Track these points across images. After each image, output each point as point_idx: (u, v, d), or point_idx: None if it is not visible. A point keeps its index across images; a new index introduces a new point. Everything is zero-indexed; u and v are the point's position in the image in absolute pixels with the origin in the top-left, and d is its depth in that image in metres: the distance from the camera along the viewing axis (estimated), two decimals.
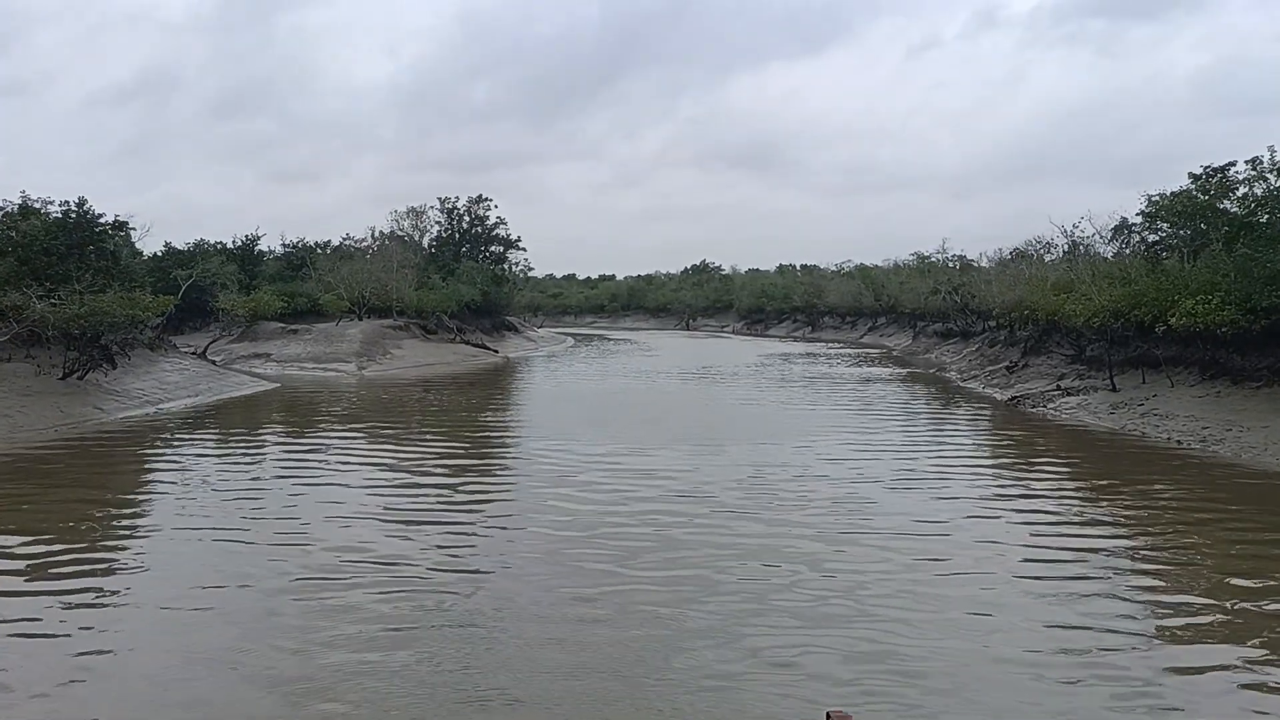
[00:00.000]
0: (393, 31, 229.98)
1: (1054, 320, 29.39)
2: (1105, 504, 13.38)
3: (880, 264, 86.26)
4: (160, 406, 24.91)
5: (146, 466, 16.62)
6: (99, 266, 26.85)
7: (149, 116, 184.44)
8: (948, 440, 19.97)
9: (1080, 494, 14.16)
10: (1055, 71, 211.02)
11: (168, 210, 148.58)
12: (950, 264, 61.61)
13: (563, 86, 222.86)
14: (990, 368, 33.47)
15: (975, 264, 59.83)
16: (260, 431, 21.00)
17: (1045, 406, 24.32)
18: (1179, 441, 18.68)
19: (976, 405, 26.63)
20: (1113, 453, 18.06)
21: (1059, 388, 25.62)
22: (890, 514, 12.64)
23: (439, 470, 16.05)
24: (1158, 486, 14.55)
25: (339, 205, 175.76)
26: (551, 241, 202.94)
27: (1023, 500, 13.72)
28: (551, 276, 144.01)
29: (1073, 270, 30.29)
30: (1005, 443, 19.71)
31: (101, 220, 28.47)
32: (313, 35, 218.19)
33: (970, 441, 19.94)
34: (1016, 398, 26.18)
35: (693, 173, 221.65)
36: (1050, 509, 13.11)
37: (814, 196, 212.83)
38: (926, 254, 70.20)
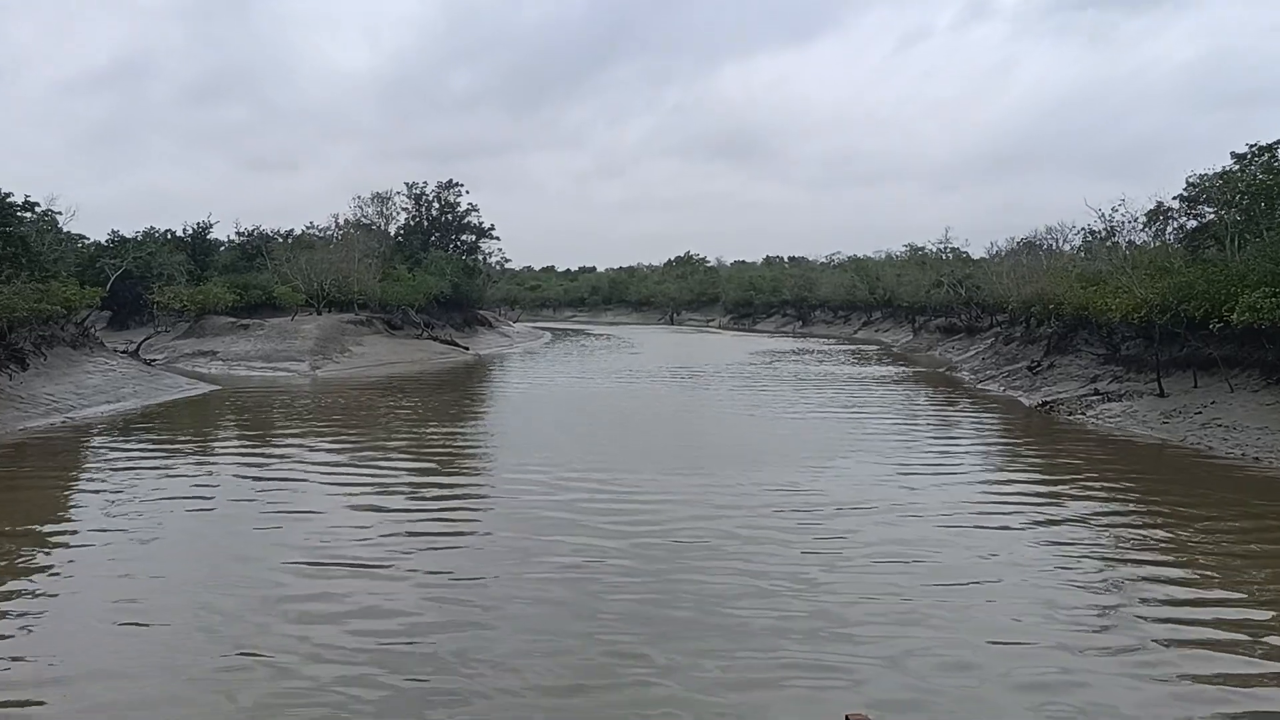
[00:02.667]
0: (374, 17, 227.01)
1: (1082, 315, 27.19)
2: (1213, 550, 10.91)
3: (872, 255, 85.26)
4: (71, 415, 22.12)
5: (20, 496, 13.83)
6: (3, 253, 23.87)
7: (123, 103, 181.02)
8: (986, 458, 17.79)
9: (1186, 539, 11.67)
10: (1045, 62, 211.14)
11: (137, 199, 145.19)
12: (945, 255, 59.89)
13: (546, 74, 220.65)
14: (1009, 367, 31.27)
15: (966, 254, 58.44)
16: (180, 446, 18.26)
17: (1083, 414, 21.93)
18: (1256, 458, 16.26)
19: (1004, 413, 24.51)
20: (1188, 475, 15.61)
21: (1096, 391, 23.27)
22: (963, 576, 10.19)
23: (389, 503, 13.51)
24: (1270, 522, 12.11)
25: (315, 195, 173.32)
26: (531, 232, 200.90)
27: (1116, 551, 11.30)
28: (529, 268, 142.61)
29: (1105, 259, 27.89)
30: (1049, 460, 17.24)
31: (9, 200, 25.45)
32: (292, 21, 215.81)
33: (1011, 460, 17.70)
34: (1048, 403, 23.84)
35: (676, 162, 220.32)
36: (1166, 569, 10.67)
37: (798, 187, 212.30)
38: (920, 245, 68.70)
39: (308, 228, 58.96)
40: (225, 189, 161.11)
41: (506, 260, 75.03)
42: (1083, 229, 39.61)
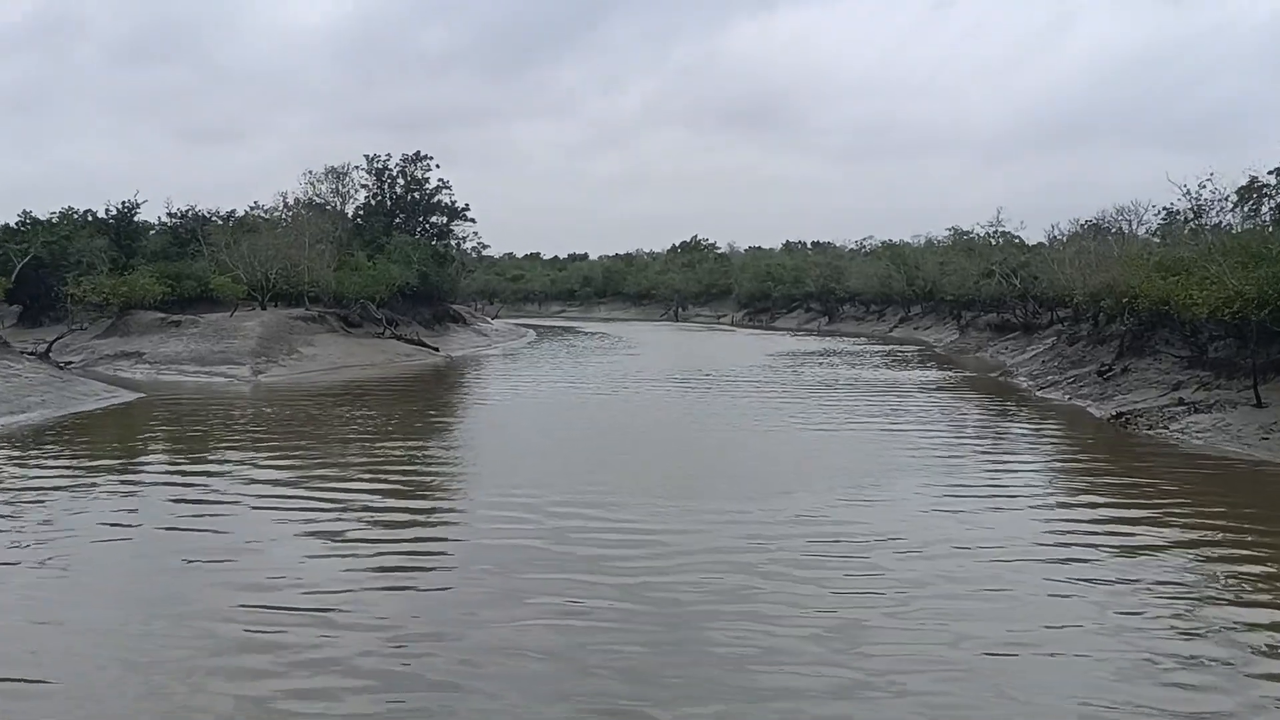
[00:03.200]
0: None
1: (1162, 311, 26.95)
2: None
3: (910, 241, 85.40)
4: None
5: None
6: None
7: (43, 66, 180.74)
8: (1051, 482, 17.53)
9: None
10: (1107, 19, 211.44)
11: (58, 176, 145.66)
12: (995, 240, 59.86)
13: (532, 30, 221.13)
14: (1074, 372, 31.06)
15: (1019, 239, 58.48)
16: (96, 465, 17.99)
17: (1165, 427, 21.64)
18: None
19: (1070, 426, 24.27)
20: None
21: (1180, 401, 22.99)
22: (1031, 623, 9.91)
23: (345, 534, 13.25)
24: None
25: (263, 170, 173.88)
26: (513, 213, 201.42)
27: (1215, 593, 11.06)
28: (511, 256, 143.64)
29: (1189, 244, 27.63)
30: (1127, 483, 16.96)
31: None
32: None
33: (1081, 483, 17.40)
34: (1123, 414, 23.57)
35: (682, 133, 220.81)
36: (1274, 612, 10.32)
37: (823, 161, 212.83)
38: (967, 229, 68.70)
39: (251, 208, 59.03)
40: (159, 163, 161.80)
41: (484, 246, 75.25)
42: (1163, 209, 39.51)
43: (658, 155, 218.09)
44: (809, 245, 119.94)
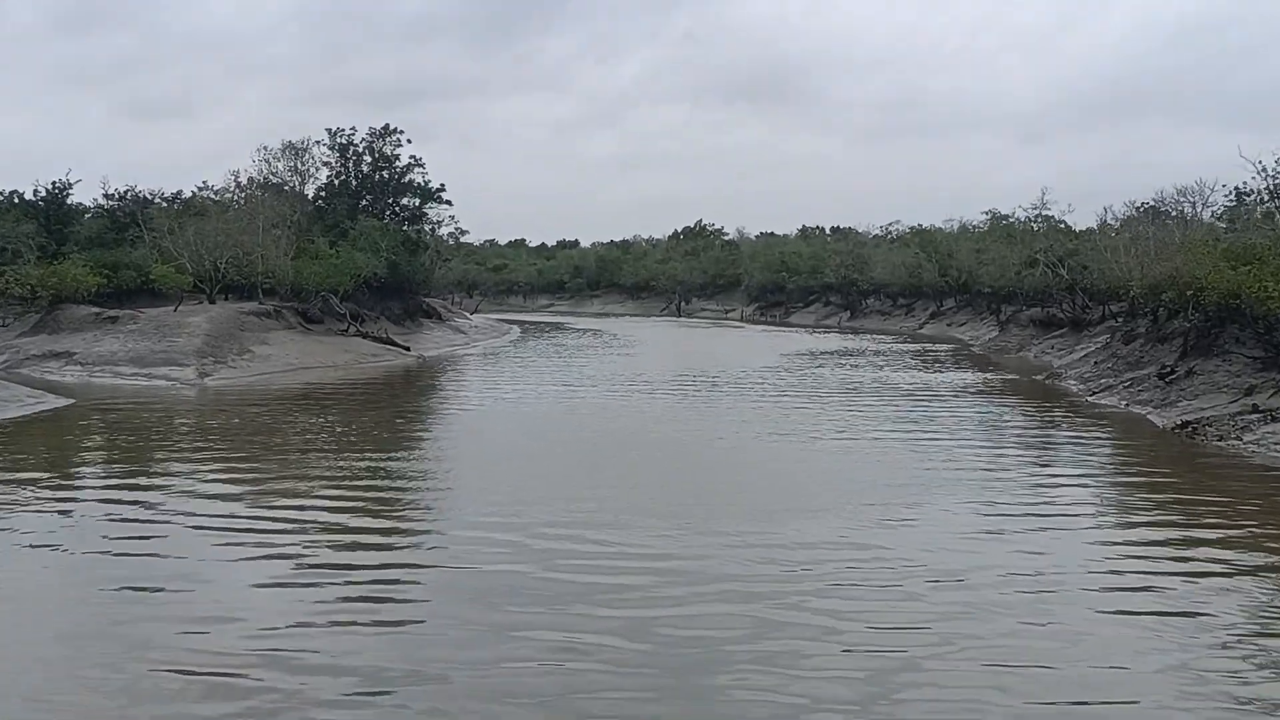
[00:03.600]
0: None
1: (1231, 305, 26.84)
2: None
3: (941, 226, 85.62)
4: None
5: None
6: None
7: None
8: (1110, 502, 17.40)
9: None
10: None
11: None
12: (1035, 226, 60.14)
13: None
14: (1131, 375, 30.94)
15: (1064, 224, 58.57)
16: (15, 481, 17.74)
17: (1238, 438, 21.44)
18: None
19: (1128, 436, 24.14)
20: None
21: (1255, 408, 22.81)
22: (1101, 680, 9.67)
23: (302, 563, 13.04)
24: None
25: (217, 149, 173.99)
26: (496, 196, 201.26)
27: None
28: (493, 243, 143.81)
29: (1262, 229, 27.50)
30: (1196, 503, 16.76)
31: None
32: None
33: (1144, 503, 17.18)
34: (1189, 423, 23.37)
35: (685, 108, 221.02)
36: None
37: (842, 139, 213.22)
38: (1005, 214, 68.90)
39: (200, 189, 59.10)
40: (100, 141, 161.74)
41: (462, 232, 75.09)
42: (1233, 189, 39.41)
43: (658, 132, 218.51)
44: (828, 231, 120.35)
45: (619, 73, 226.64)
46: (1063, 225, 59.23)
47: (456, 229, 70.49)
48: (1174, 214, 45.34)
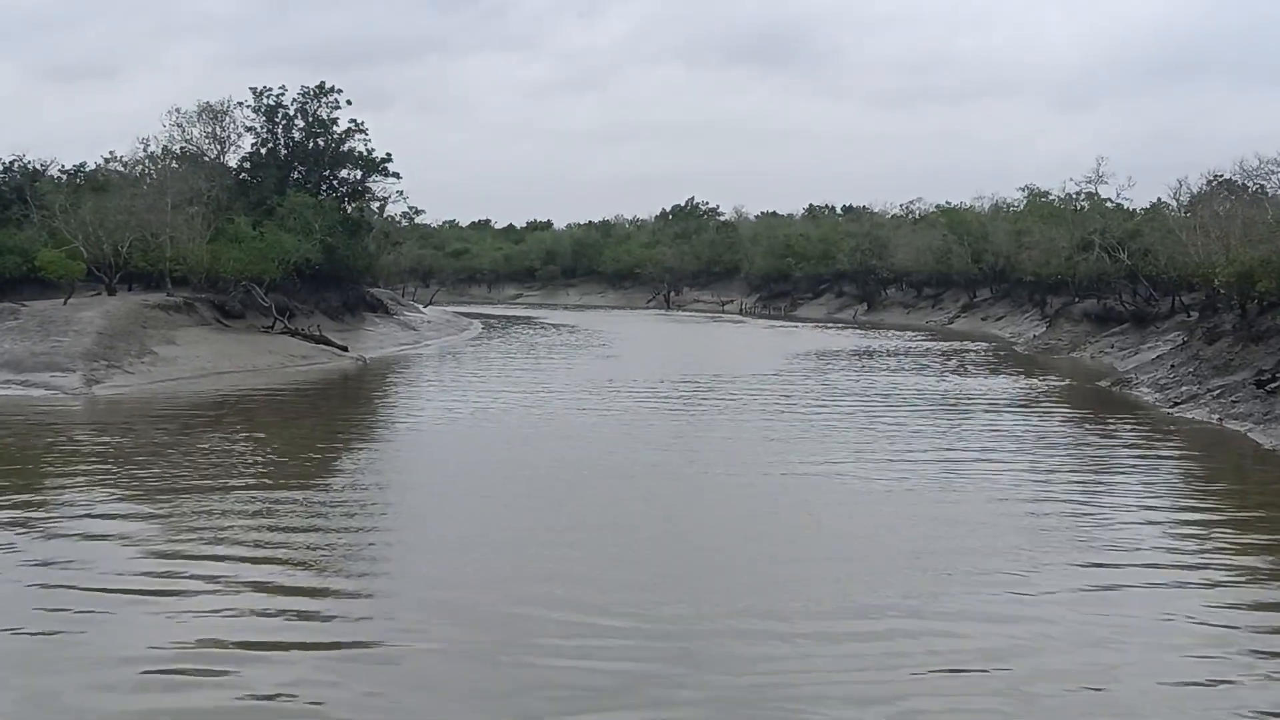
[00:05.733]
0: None
1: None
2: None
3: (973, 205, 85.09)
4: None
5: None
6: None
7: None
8: (1215, 548, 15.79)
9: None
10: None
11: None
12: (1080, 205, 59.62)
13: None
14: (1219, 381, 29.69)
15: (1119, 203, 57.92)
16: None
17: None
18: None
19: (1223, 461, 23.22)
20: None
21: None
22: None
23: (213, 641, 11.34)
24: None
25: (143, 116, 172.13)
26: (457, 170, 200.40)
27: None
28: (454, 225, 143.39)
29: None
30: None
31: None
32: None
33: (1258, 545, 15.82)
34: None
35: (678, 69, 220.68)
36: None
37: (857, 106, 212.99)
38: (1046, 191, 68.14)
39: (106, 160, 57.58)
40: (14, 108, 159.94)
41: (416, 211, 73.55)
42: None
43: (646, 99, 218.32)
44: (839, 211, 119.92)
45: (602, 29, 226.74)
46: (1114, 203, 58.51)
47: (410, 208, 69.41)
48: (1253, 188, 44.21)
